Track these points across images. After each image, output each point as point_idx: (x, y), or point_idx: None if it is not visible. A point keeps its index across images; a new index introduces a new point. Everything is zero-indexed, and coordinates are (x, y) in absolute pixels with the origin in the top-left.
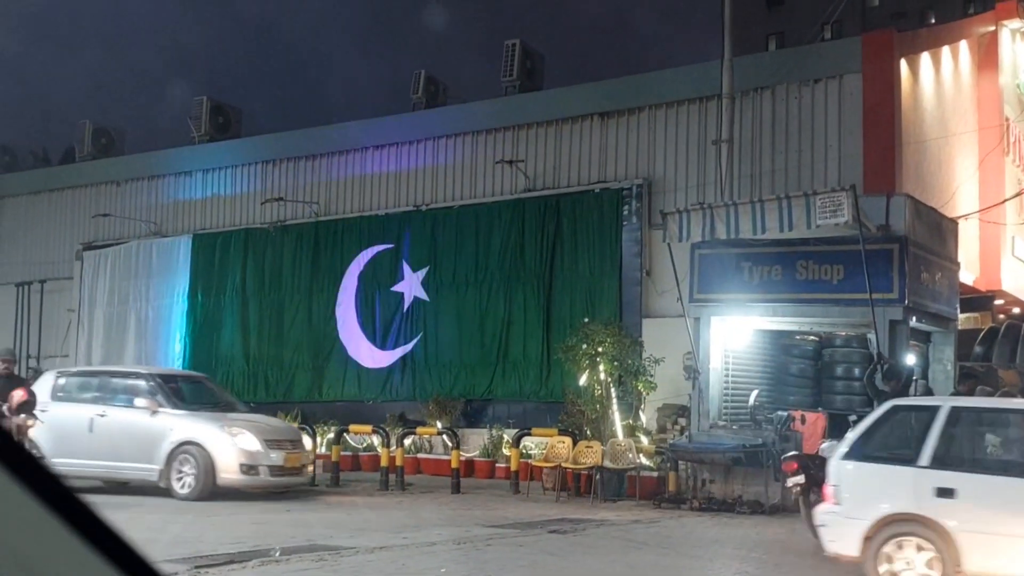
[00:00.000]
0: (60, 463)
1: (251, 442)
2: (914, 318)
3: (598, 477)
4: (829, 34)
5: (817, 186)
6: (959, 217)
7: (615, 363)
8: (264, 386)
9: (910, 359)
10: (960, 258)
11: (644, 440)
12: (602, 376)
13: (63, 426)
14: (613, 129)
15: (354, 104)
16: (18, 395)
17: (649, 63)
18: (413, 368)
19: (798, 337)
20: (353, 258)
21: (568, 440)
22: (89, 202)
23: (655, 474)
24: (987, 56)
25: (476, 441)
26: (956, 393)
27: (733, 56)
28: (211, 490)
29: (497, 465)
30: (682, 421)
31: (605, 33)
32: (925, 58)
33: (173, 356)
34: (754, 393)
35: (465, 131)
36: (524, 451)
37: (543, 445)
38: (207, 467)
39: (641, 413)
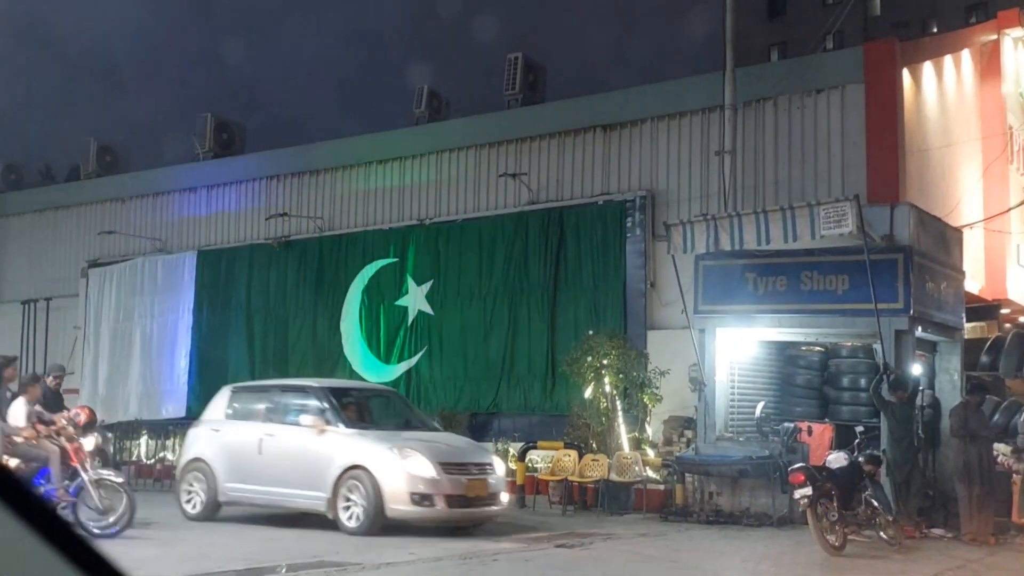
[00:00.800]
0: (233, 489)
1: (423, 466)
2: (920, 328)
3: (604, 490)
4: (831, 44)
5: (821, 196)
6: (964, 226)
7: (620, 375)
8: None
9: (916, 369)
10: (965, 267)
11: (650, 453)
12: (607, 389)
13: (235, 448)
14: (616, 141)
15: (357, 119)
16: (83, 414)
17: (651, 75)
18: (418, 382)
19: (804, 348)
20: (357, 273)
21: (574, 453)
22: (94, 219)
23: (662, 487)
24: (989, 65)
25: None
26: (964, 403)
27: (735, 67)
28: (381, 523)
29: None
30: (688, 433)
31: (606, 45)
32: (927, 67)
33: (178, 372)
34: (760, 405)
35: (468, 145)
36: (530, 465)
37: (549, 458)
38: (374, 496)
39: (647, 426)
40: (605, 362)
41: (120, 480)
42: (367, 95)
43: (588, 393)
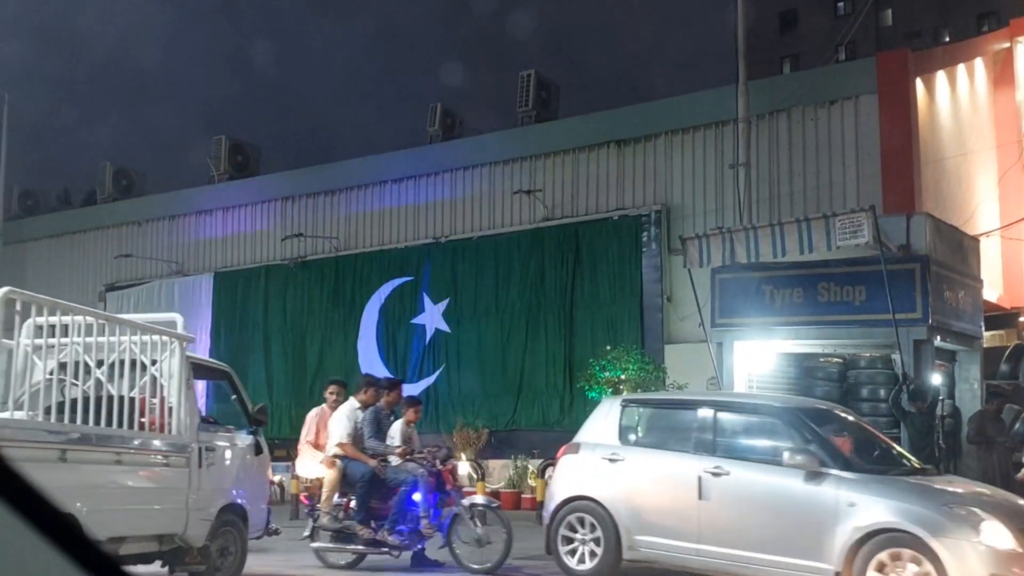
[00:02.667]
0: (648, 544)
1: (1002, 537)
2: (938, 337)
3: None
4: (843, 55)
5: (836, 207)
6: (980, 235)
7: (638, 390)
8: (288, 422)
9: (936, 379)
10: (983, 276)
11: None
12: None
13: (652, 487)
14: (630, 156)
15: (371, 138)
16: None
17: (664, 89)
18: (436, 400)
19: (822, 360)
20: (373, 292)
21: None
22: (111, 243)
23: None
24: (1003, 73)
25: (502, 472)
26: (982, 411)
27: (748, 80)
28: None
29: (523, 496)
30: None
31: (618, 61)
32: (940, 76)
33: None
34: None
35: (482, 162)
36: (549, 480)
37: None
38: None
39: None
40: (623, 377)
41: (495, 506)
42: (380, 114)
43: None
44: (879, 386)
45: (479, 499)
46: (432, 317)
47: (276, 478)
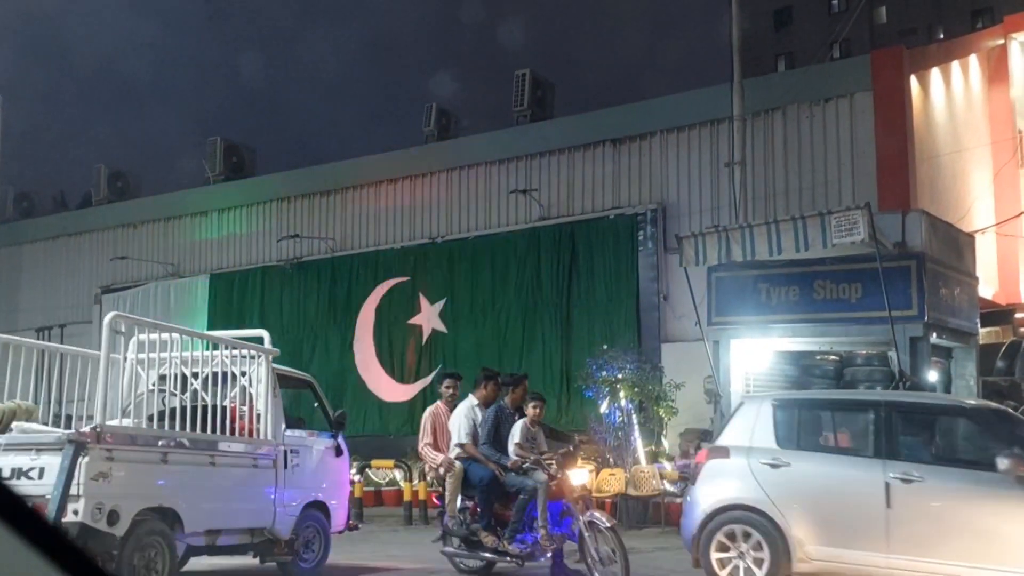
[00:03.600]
0: (826, 555)
1: None
2: (934, 334)
3: (622, 505)
4: (838, 53)
5: (832, 205)
6: (976, 231)
7: (635, 389)
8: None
9: (932, 376)
10: (979, 272)
11: (668, 466)
12: (623, 403)
13: (827, 494)
14: (626, 155)
15: (366, 140)
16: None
17: (659, 88)
18: (433, 400)
19: (818, 357)
20: (369, 292)
21: (591, 468)
22: (106, 246)
23: (679, 500)
24: (997, 70)
25: None
26: None
27: (743, 78)
28: None
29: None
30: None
31: (613, 60)
32: (935, 73)
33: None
34: None
35: (478, 162)
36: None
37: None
38: None
39: (663, 439)
40: (620, 376)
41: (611, 524)
42: (375, 114)
43: (603, 408)
44: (876, 383)
45: (598, 515)
46: (429, 317)
47: None
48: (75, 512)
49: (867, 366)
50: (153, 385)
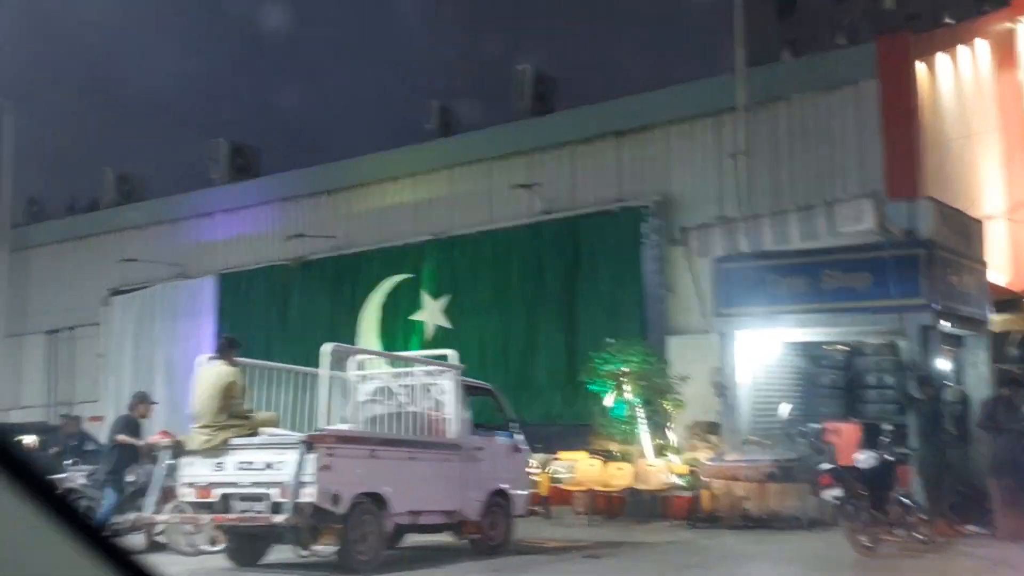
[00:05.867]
0: None
1: None
2: (945, 323)
3: (630, 499)
4: (844, 40)
5: (839, 194)
6: (986, 217)
7: (641, 383)
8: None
9: (943, 365)
10: (989, 259)
11: (675, 459)
12: (629, 396)
13: None
14: (628, 147)
15: (368, 137)
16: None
17: (661, 79)
18: None
19: (827, 348)
20: (373, 289)
21: (598, 462)
22: (114, 248)
23: (688, 493)
24: (1005, 54)
25: None
26: (996, 396)
27: (747, 67)
28: None
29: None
30: (712, 438)
31: (614, 51)
32: (942, 59)
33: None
34: (785, 406)
35: (480, 158)
36: (554, 475)
37: (573, 468)
38: None
39: (670, 432)
40: (626, 370)
41: None
42: (377, 112)
43: (609, 401)
44: (886, 373)
45: None
46: (433, 314)
47: None
48: (309, 495)
49: (877, 356)
50: (370, 395)
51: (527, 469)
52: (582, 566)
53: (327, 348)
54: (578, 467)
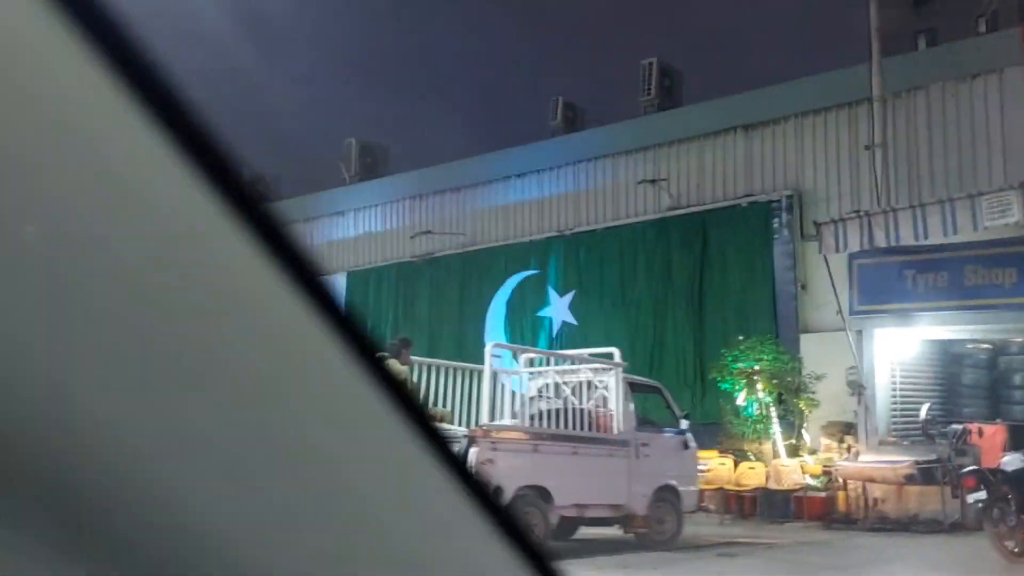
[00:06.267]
0: None
1: None
2: None
3: (763, 499)
4: (984, 27)
5: (981, 186)
6: None
7: (774, 381)
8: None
9: None
10: None
11: (809, 460)
12: (761, 395)
13: None
14: (758, 141)
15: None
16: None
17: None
18: None
19: (970, 346)
20: (500, 286)
21: (729, 461)
22: None
23: (823, 494)
24: None
25: None
26: None
27: (881, 57)
28: None
29: None
30: (848, 439)
31: (743, 44)
32: None
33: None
34: (925, 407)
35: (605, 154)
36: None
37: (704, 467)
38: None
39: (804, 432)
40: (757, 368)
41: None
42: (502, 110)
43: (741, 400)
44: None
45: None
46: (558, 310)
47: None
48: None
49: (1022, 355)
50: (537, 391)
51: (696, 465)
52: (717, 564)
53: (489, 346)
54: (710, 466)
